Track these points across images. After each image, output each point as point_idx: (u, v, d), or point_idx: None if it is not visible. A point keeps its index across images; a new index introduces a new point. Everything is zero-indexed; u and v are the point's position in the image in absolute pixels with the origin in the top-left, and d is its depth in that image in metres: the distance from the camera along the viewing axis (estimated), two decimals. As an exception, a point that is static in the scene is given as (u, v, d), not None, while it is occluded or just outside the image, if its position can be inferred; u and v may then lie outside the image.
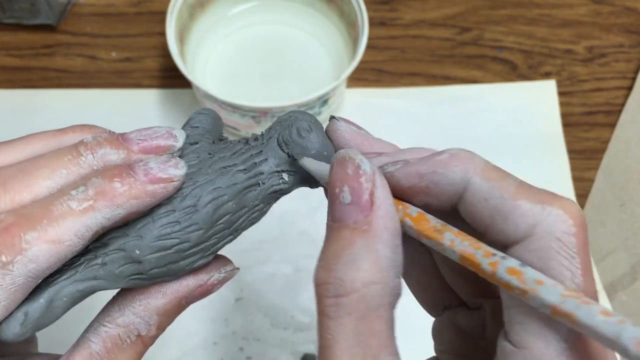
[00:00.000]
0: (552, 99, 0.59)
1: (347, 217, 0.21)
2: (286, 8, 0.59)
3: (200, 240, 0.24)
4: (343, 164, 0.22)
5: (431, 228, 0.22)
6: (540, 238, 0.21)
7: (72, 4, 0.62)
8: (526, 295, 0.20)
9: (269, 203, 0.27)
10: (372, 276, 0.20)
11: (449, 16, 0.63)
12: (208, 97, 0.50)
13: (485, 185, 0.22)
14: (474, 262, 0.21)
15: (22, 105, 0.57)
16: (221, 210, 0.25)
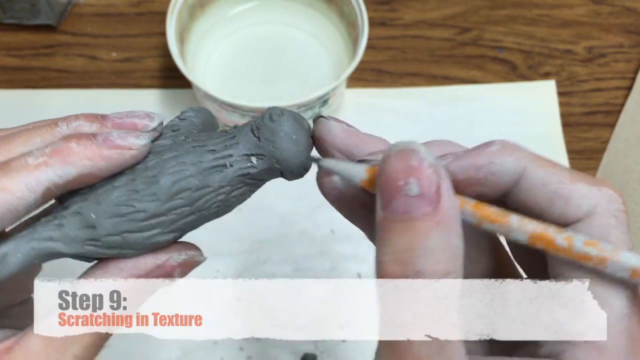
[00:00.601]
0: (552, 99, 0.59)
1: (415, 209, 0.21)
2: (286, 8, 0.59)
3: (157, 211, 0.24)
4: (405, 155, 0.22)
5: (495, 212, 0.23)
6: (601, 216, 0.23)
7: (73, 4, 0.62)
8: (605, 263, 0.22)
9: (237, 188, 0.26)
10: (449, 266, 0.21)
11: (449, 16, 0.63)
12: (208, 97, 0.50)
13: (541, 172, 0.24)
14: (547, 239, 0.22)
15: (23, 105, 0.57)
16: (182, 184, 0.24)
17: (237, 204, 0.26)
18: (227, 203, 0.26)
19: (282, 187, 0.54)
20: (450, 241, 0.21)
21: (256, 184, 0.27)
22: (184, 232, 0.26)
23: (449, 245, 0.21)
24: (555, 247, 0.22)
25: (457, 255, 0.21)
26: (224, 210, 0.26)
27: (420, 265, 0.21)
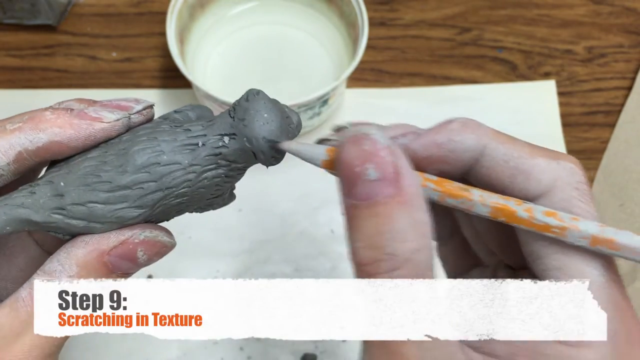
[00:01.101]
0: (552, 99, 0.59)
1: (377, 193, 0.21)
2: (286, 8, 0.59)
3: (122, 183, 0.24)
4: (358, 141, 0.22)
5: (457, 187, 0.23)
6: (562, 189, 0.23)
7: (73, 4, 0.62)
8: (565, 232, 0.22)
9: (209, 169, 0.25)
10: (418, 243, 0.21)
11: (449, 16, 0.63)
12: (208, 97, 0.50)
13: (501, 148, 0.24)
14: (508, 211, 0.23)
15: (23, 105, 0.57)
16: (149, 158, 0.24)
17: (210, 191, 0.26)
18: (198, 184, 0.25)
19: (282, 187, 0.54)
20: (416, 218, 0.21)
21: (231, 168, 0.26)
22: (152, 210, 0.25)
23: (416, 223, 0.21)
24: (516, 219, 0.23)
25: (424, 231, 0.22)
26: (197, 195, 0.26)
27: (390, 247, 0.21)
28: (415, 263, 0.21)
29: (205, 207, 0.28)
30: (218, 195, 0.27)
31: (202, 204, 0.27)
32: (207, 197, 0.27)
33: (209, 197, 0.27)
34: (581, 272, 0.23)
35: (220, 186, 0.26)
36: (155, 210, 0.25)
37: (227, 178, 0.26)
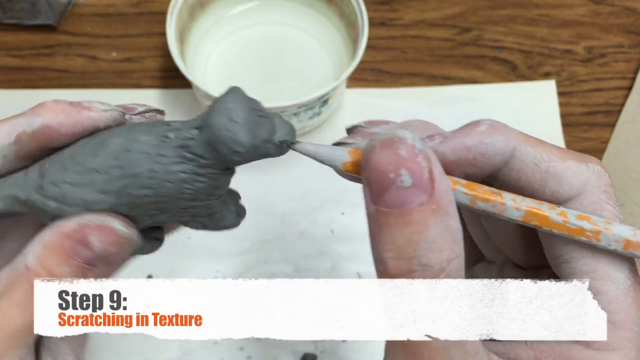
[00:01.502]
0: (552, 99, 0.59)
1: (411, 201, 0.20)
2: (286, 8, 0.59)
3: (91, 166, 0.24)
4: (392, 145, 0.21)
5: (488, 191, 0.23)
6: (592, 193, 0.23)
7: (73, 4, 0.62)
8: (599, 236, 0.22)
9: (177, 162, 0.24)
10: (453, 252, 0.21)
11: (449, 16, 0.63)
12: (208, 97, 0.50)
13: (531, 151, 0.24)
14: (542, 216, 0.23)
15: (23, 105, 0.57)
16: (121, 144, 0.24)
17: (179, 188, 0.25)
18: (164, 177, 0.24)
19: (282, 187, 0.54)
20: (449, 226, 0.21)
21: (199, 164, 0.25)
22: (118, 199, 0.25)
23: (449, 231, 0.21)
24: (549, 223, 0.23)
25: (457, 239, 0.21)
26: (163, 191, 0.25)
27: (425, 258, 0.20)
28: (449, 273, 0.21)
29: (194, 219, 0.27)
30: (196, 200, 0.25)
31: (181, 208, 0.26)
32: (180, 198, 0.25)
33: (184, 199, 0.25)
34: (610, 275, 0.23)
35: (191, 186, 0.25)
36: (121, 199, 0.25)
37: (197, 177, 0.25)
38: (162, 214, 0.26)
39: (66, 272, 0.25)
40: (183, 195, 0.25)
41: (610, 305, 0.22)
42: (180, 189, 0.25)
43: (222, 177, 0.25)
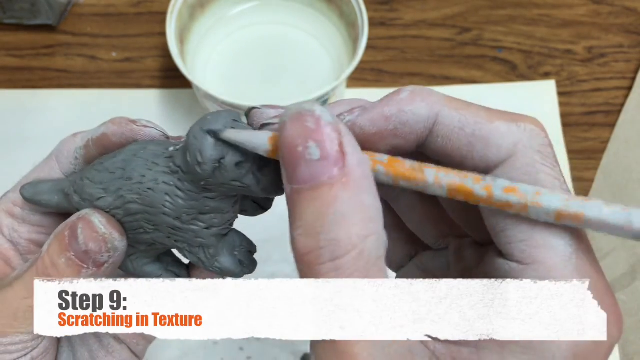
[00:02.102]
0: (552, 99, 0.59)
1: (320, 174, 0.19)
2: (286, 8, 0.59)
3: (105, 165, 0.26)
4: (300, 118, 0.20)
5: (409, 169, 0.22)
6: (524, 154, 0.21)
7: (73, 5, 0.62)
8: (527, 209, 0.20)
9: (164, 172, 0.24)
10: (366, 229, 0.19)
11: (449, 16, 0.63)
12: (208, 97, 0.50)
13: (456, 115, 0.22)
14: (465, 191, 0.21)
15: (23, 105, 0.57)
16: (132, 151, 0.26)
17: (159, 200, 0.25)
18: (149, 184, 0.25)
19: (282, 187, 0.54)
20: (363, 201, 0.20)
21: (181, 178, 0.24)
22: (115, 199, 0.25)
23: (362, 206, 0.19)
24: (475, 198, 0.21)
25: (372, 215, 0.20)
26: (148, 199, 0.25)
27: (333, 233, 0.19)
28: (361, 251, 0.19)
29: (189, 249, 0.27)
30: (178, 219, 0.25)
31: (169, 227, 0.25)
32: (162, 212, 0.25)
33: (167, 214, 0.25)
34: (547, 243, 0.21)
35: (171, 200, 0.24)
36: (117, 202, 0.25)
37: (177, 190, 0.24)
38: (156, 230, 0.26)
39: (63, 264, 0.26)
40: (164, 209, 0.25)
41: (550, 274, 0.21)
42: (161, 199, 0.24)
43: (204, 199, 0.25)
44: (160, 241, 0.27)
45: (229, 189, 0.24)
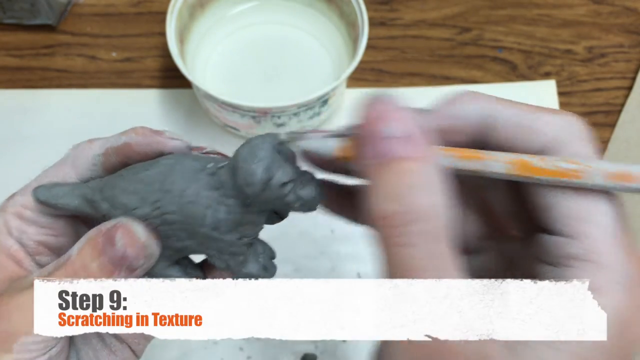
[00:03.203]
0: (552, 99, 0.59)
1: (397, 149, 0.22)
2: (286, 8, 0.59)
3: (140, 177, 0.27)
4: (383, 101, 0.23)
5: (469, 150, 0.24)
6: (569, 140, 0.24)
7: (72, 4, 0.62)
8: (584, 174, 0.23)
9: (205, 187, 0.26)
10: (439, 199, 0.22)
11: (449, 16, 0.63)
12: (208, 97, 0.50)
13: (507, 110, 0.25)
14: (523, 163, 0.23)
15: (23, 105, 0.57)
16: (168, 165, 0.27)
17: (200, 212, 0.26)
18: (190, 198, 0.26)
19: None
20: (435, 176, 0.22)
21: (222, 194, 0.26)
22: (152, 210, 0.26)
23: (434, 180, 0.22)
24: (532, 170, 0.23)
25: (442, 189, 0.22)
26: (187, 212, 0.26)
27: (408, 199, 0.22)
28: (430, 217, 0.22)
29: (219, 255, 0.28)
30: (216, 230, 0.26)
31: (205, 237, 0.27)
32: (202, 225, 0.26)
33: (206, 226, 0.26)
34: (593, 218, 0.23)
35: (212, 214, 0.26)
36: (154, 212, 0.26)
37: (219, 206, 0.26)
38: (190, 239, 0.27)
39: (96, 268, 0.26)
40: (204, 221, 0.26)
41: (597, 246, 0.23)
42: (202, 213, 0.26)
43: (243, 214, 0.26)
44: (191, 248, 0.28)
45: (269, 205, 0.26)
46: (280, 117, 0.51)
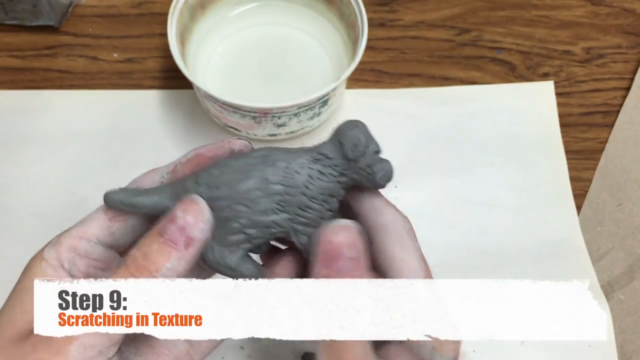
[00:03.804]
0: (550, 99, 0.59)
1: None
2: (286, 9, 0.59)
3: (221, 172, 0.30)
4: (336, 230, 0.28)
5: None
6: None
7: (74, 5, 0.62)
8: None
9: (310, 160, 0.31)
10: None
11: (448, 17, 0.64)
12: (209, 97, 0.50)
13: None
14: None
15: (24, 105, 0.57)
16: (259, 155, 0.31)
17: (304, 180, 0.30)
18: (295, 168, 0.30)
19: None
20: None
21: (324, 164, 0.30)
22: (260, 188, 0.30)
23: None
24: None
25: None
26: (292, 178, 0.30)
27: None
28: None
29: (304, 229, 0.31)
30: (314, 199, 0.30)
31: (300, 207, 0.30)
32: (303, 193, 0.30)
33: (306, 195, 0.30)
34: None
35: (314, 182, 0.30)
36: (260, 183, 0.30)
37: (321, 175, 0.30)
38: (282, 212, 0.30)
39: (155, 251, 0.27)
40: (305, 189, 0.30)
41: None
42: (305, 180, 0.30)
43: (336, 183, 0.30)
44: (278, 223, 0.30)
45: (358, 176, 0.30)
46: (280, 118, 0.51)
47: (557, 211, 0.54)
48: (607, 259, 0.52)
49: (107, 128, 0.56)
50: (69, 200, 0.52)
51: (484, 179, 0.55)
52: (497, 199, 0.54)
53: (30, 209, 0.51)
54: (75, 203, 0.52)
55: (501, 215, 0.53)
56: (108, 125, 0.56)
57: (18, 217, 0.51)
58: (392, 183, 0.30)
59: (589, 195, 0.55)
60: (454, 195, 0.54)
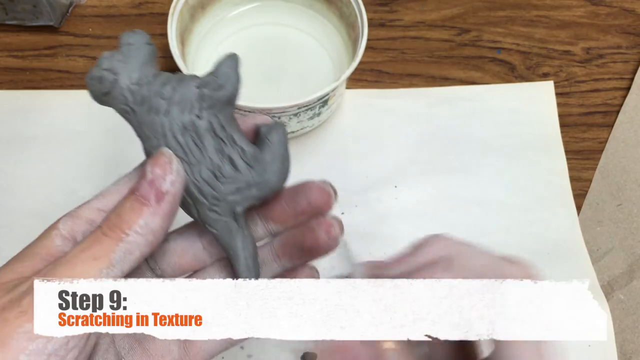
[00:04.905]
0: (550, 99, 0.59)
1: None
2: (286, 9, 0.59)
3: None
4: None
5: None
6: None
7: (74, 6, 0.62)
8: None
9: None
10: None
11: (448, 17, 0.64)
12: (209, 98, 0.50)
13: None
14: None
15: (25, 106, 0.57)
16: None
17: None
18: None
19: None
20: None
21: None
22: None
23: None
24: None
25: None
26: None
27: None
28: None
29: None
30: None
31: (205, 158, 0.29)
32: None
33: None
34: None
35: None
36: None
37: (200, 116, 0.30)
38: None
39: (128, 209, 0.27)
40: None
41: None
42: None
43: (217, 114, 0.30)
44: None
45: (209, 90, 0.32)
46: (280, 118, 0.51)
47: (557, 211, 0.54)
48: (607, 259, 0.52)
49: (107, 128, 0.56)
50: (69, 201, 0.52)
51: (484, 179, 0.55)
52: (497, 199, 0.54)
53: (30, 209, 0.51)
54: (75, 203, 0.52)
55: (501, 215, 0.53)
56: (108, 125, 0.56)
57: (18, 217, 0.51)
58: (392, 183, 0.30)
59: (589, 195, 0.55)
60: (454, 195, 0.54)
